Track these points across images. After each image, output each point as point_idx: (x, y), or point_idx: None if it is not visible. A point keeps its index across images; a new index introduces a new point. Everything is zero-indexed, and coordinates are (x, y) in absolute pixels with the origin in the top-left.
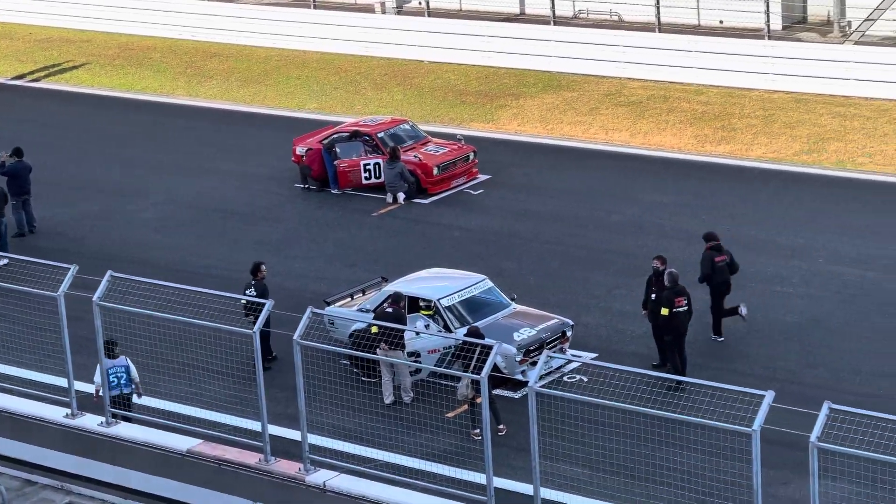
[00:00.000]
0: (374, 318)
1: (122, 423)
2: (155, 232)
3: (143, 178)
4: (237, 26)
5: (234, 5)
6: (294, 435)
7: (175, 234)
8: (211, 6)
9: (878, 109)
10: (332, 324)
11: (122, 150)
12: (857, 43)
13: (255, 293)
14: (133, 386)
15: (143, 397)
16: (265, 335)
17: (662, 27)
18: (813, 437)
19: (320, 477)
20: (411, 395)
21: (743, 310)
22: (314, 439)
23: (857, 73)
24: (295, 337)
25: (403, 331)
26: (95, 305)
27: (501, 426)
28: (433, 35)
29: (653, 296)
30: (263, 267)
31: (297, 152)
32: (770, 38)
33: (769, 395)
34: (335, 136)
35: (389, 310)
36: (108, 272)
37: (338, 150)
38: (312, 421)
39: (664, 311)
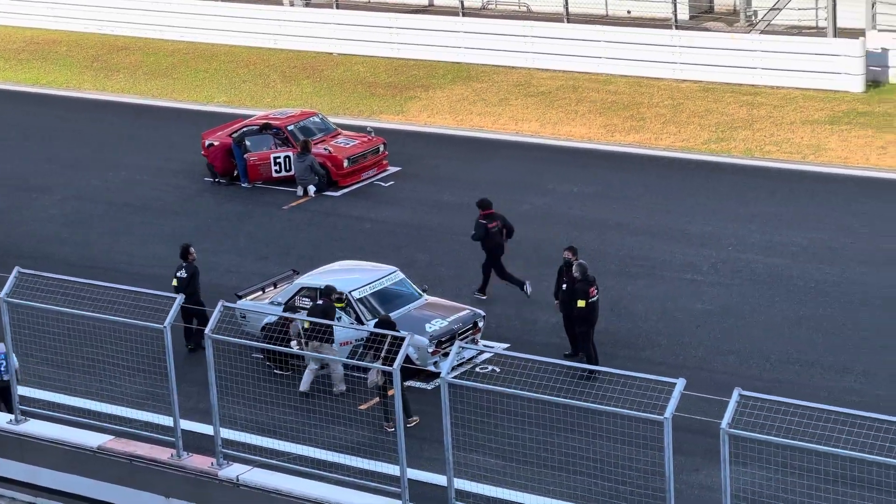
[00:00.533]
0: (304, 312)
1: (32, 420)
2: (63, 227)
3: (51, 173)
4: (143, 19)
5: None
6: (207, 429)
7: (84, 229)
8: None
9: (785, 98)
10: (244, 317)
11: (28, 144)
12: (763, 32)
13: (185, 274)
14: (12, 373)
15: (53, 394)
16: (196, 327)
17: (571, 17)
18: (723, 423)
19: (233, 471)
20: (343, 387)
21: (528, 288)
22: (227, 433)
23: (763, 63)
24: (206, 331)
25: (325, 324)
26: (3, 302)
27: (413, 417)
28: (342, 27)
29: (563, 286)
30: (192, 249)
31: (207, 146)
32: (677, 27)
33: (680, 383)
34: (245, 129)
35: (320, 302)
36: (16, 268)
37: (248, 143)
38: (225, 415)
39: (581, 303)
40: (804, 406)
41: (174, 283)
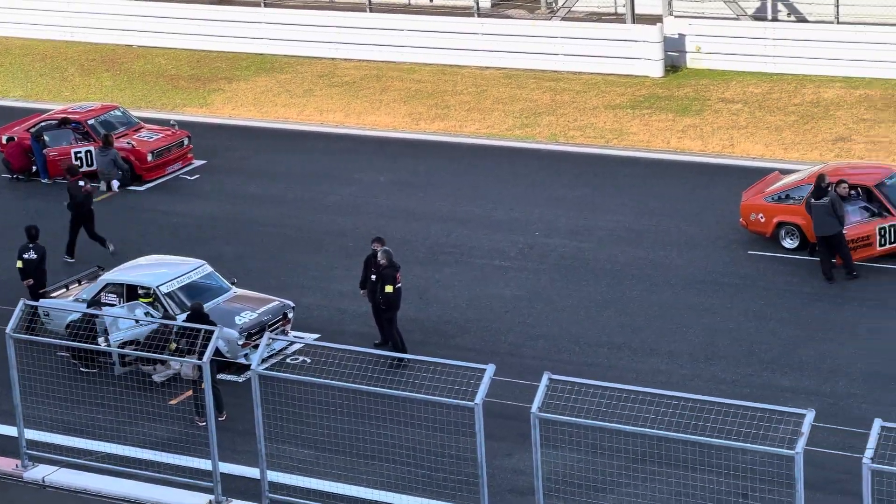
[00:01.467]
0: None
1: None
2: None
3: None
4: None
5: None
6: (10, 431)
7: None
8: None
9: (587, 83)
10: (48, 315)
11: None
12: (563, 19)
13: (35, 256)
14: None
15: None
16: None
17: (373, 7)
18: (534, 407)
19: (39, 472)
20: (160, 380)
21: (110, 246)
22: (32, 434)
23: (564, 49)
24: (7, 330)
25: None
26: None
27: (223, 414)
28: (142, 19)
29: (373, 277)
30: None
31: (3, 141)
32: (480, 15)
33: (490, 369)
34: (43, 124)
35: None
36: None
37: (46, 138)
38: (29, 415)
39: (389, 289)
40: (613, 388)
41: (19, 265)
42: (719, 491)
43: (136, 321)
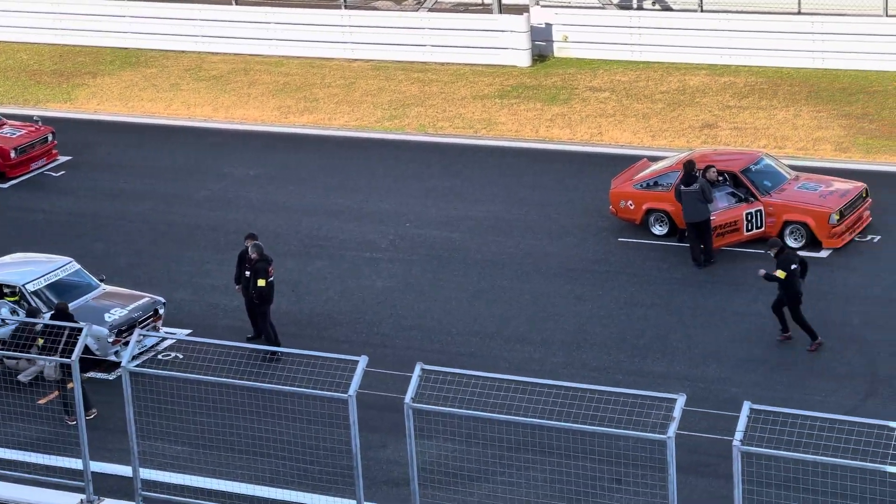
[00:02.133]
0: None
1: None
2: None
3: None
4: None
5: None
6: None
7: None
8: None
9: (455, 74)
10: None
11: None
12: (430, 10)
13: None
14: None
15: None
16: None
17: (239, 0)
18: (407, 398)
19: None
20: (26, 379)
21: None
22: None
23: (432, 40)
24: None
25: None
26: None
27: (92, 410)
28: (1, 13)
29: (247, 273)
30: None
31: None
32: (347, 7)
33: (363, 360)
34: None
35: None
36: None
37: None
38: None
39: (261, 282)
40: (486, 377)
41: None
42: (593, 477)
43: (3, 321)
